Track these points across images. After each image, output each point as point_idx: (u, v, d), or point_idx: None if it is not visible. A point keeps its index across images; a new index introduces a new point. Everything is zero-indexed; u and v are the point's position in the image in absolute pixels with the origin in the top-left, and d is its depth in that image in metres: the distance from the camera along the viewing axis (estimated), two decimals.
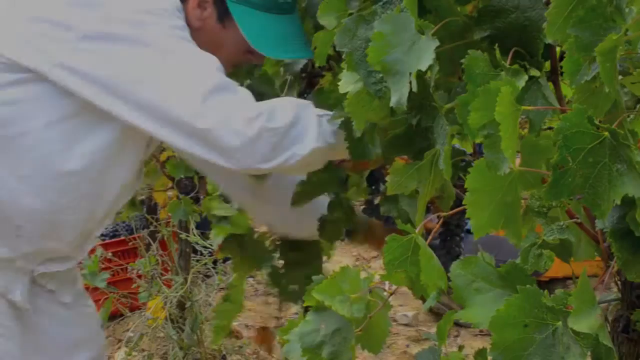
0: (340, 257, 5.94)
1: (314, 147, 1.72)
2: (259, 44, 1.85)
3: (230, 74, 2.10)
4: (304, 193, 2.00)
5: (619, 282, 1.24)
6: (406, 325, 4.66)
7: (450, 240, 1.99)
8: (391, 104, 1.25)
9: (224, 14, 1.88)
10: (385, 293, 1.34)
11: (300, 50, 1.69)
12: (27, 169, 1.80)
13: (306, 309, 2.55)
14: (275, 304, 2.53)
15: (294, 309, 4.75)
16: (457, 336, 4.49)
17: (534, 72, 1.19)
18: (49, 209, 1.83)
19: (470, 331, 4.54)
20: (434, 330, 4.63)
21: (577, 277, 1.06)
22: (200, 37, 1.87)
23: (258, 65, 2.11)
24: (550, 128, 1.47)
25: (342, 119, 1.65)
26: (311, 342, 1.24)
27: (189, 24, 1.87)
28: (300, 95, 2.17)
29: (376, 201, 2.06)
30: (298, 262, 2.32)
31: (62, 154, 1.80)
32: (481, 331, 4.59)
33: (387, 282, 1.33)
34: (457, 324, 4.64)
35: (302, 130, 1.73)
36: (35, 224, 1.85)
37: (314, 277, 1.27)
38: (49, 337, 2.03)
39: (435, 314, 4.86)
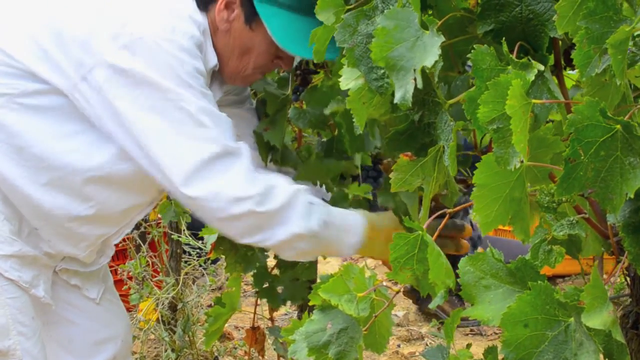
0: (327, 258, 5.92)
1: (295, 233, 1.73)
2: (286, 43, 1.82)
3: None
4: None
5: (628, 278, 1.23)
6: (397, 325, 4.64)
7: None
8: (395, 101, 1.24)
9: (251, 16, 1.84)
10: (389, 291, 1.32)
11: (329, 51, 1.68)
12: (45, 177, 1.81)
13: (301, 309, 2.55)
14: (264, 304, 2.51)
15: (283, 309, 4.74)
16: None
17: (539, 66, 1.18)
18: (66, 214, 1.85)
19: (461, 330, 4.54)
20: (424, 329, 4.63)
21: (587, 274, 1.05)
22: (228, 40, 1.86)
23: None
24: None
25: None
26: (317, 341, 1.22)
27: (216, 26, 1.84)
28: (295, 92, 2.16)
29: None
30: (292, 263, 2.30)
31: (81, 163, 1.80)
32: (472, 330, 4.59)
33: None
34: None
35: (286, 217, 1.73)
36: (52, 228, 1.87)
37: (320, 276, 1.25)
38: (76, 331, 2.06)
39: (426, 313, 4.86)
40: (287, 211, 1.73)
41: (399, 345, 4.35)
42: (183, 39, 1.73)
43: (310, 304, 1.27)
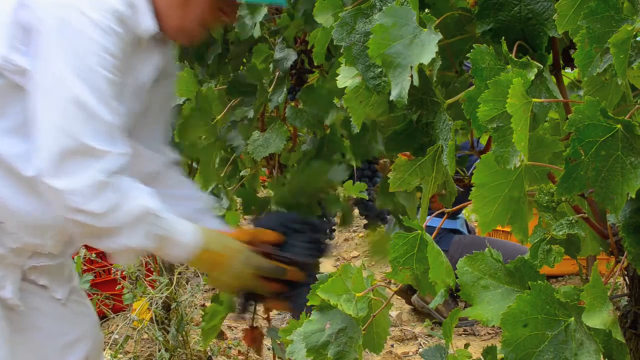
0: None
1: (128, 245, 1.73)
2: None
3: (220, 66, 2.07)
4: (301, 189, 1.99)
5: (626, 278, 1.23)
6: (390, 325, 4.64)
7: None
8: (391, 98, 1.23)
9: None
10: (387, 291, 1.32)
11: None
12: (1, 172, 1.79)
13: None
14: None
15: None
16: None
17: (538, 66, 1.18)
18: (25, 207, 1.82)
19: (455, 330, 4.53)
20: (418, 329, 4.63)
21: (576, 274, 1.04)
22: None
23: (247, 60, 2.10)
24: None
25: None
26: (316, 341, 1.21)
27: None
28: (290, 91, 2.15)
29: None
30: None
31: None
32: (465, 330, 4.59)
33: None
34: (440, 323, 4.64)
35: (123, 233, 1.71)
36: (16, 222, 1.84)
37: (318, 275, 1.25)
38: (44, 336, 2.01)
39: (419, 313, 4.86)
40: (125, 229, 1.71)
41: (392, 345, 4.35)
42: (97, 14, 1.67)
43: (308, 304, 1.27)
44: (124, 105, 1.78)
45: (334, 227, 2.38)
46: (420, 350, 4.23)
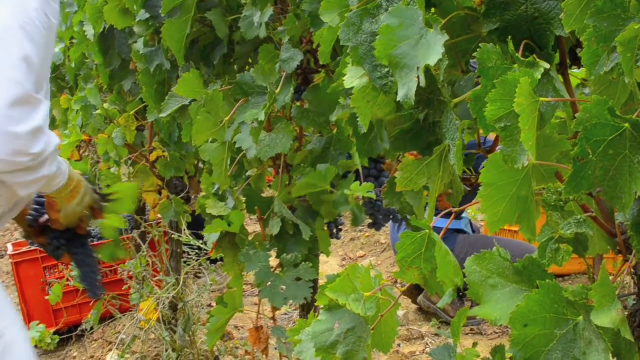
0: (327, 257, 5.91)
1: (45, 175, 1.89)
2: None
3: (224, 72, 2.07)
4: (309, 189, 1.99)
5: (635, 277, 1.23)
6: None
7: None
8: (398, 99, 1.23)
9: None
10: (394, 291, 1.32)
11: None
12: None
13: (302, 308, 2.54)
14: (265, 304, 2.50)
15: (283, 309, 4.73)
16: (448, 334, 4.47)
17: (545, 65, 1.18)
18: None
19: (461, 329, 4.53)
20: (424, 329, 4.63)
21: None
22: None
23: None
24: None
25: None
26: (325, 341, 1.21)
27: None
28: (296, 91, 2.15)
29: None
30: (295, 263, 2.30)
31: None
32: (472, 329, 4.58)
33: None
34: (447, 323, 4.64)
35: (44, 169, 1.88)
36: None
37: (327, 276, 1.25)
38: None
39: (425, 312, 4.86)
40: (46, 163, 1.88)
41: (399, 345, 4.34)
42: None
43: (317, 304, 1.27)
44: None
45: (340, 227, 2.38)
46: (427, 349, 4.23)
